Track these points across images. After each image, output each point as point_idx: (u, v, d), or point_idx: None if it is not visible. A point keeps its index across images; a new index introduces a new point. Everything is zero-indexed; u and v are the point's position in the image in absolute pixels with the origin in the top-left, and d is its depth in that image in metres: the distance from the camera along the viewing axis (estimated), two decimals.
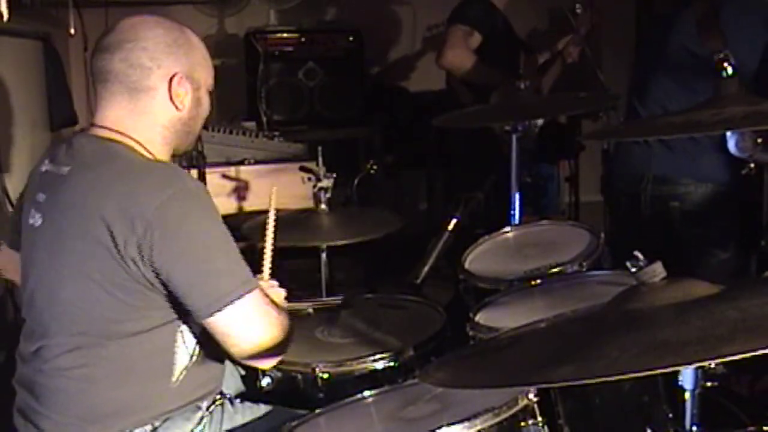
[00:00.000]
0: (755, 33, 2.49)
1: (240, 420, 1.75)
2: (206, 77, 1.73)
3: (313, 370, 1.81)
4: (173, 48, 1.66)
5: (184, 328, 1.65)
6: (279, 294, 1.83)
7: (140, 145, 1.65)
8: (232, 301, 1.55)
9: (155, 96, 1.66)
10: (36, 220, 1.65)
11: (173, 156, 1.78)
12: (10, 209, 2.73)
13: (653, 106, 2.64)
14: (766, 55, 2.50)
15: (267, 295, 1.65)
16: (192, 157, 2.96)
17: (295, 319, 2.12)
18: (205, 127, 1.81)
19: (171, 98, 1.66)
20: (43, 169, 1.69)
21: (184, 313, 1.63)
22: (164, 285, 1.56)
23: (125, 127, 1.65)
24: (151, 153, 1.66)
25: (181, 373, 1.66)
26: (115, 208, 1.52)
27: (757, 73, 2.49)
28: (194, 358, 1.68)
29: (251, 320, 1.58)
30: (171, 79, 1.65)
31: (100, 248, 1.53)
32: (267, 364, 1.67)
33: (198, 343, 1.68)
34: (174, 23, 1.70)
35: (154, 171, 1.60)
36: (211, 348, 1.70)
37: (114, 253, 1.52)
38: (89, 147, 1.64)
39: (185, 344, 1.66)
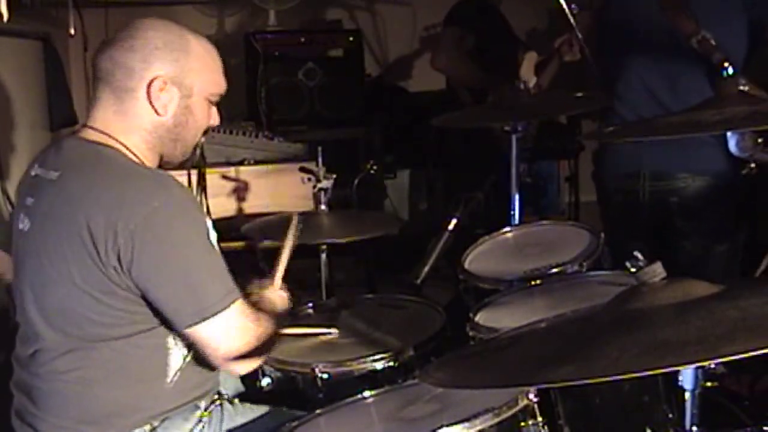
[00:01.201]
0: (732, 12, 2.47)
1: (239, 420, 1.75)
2: (203, 85, 1.69)
3: (313, 370, 1.81)
4: (163, 51, 1.63)
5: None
6: (283, 298, 1.85)
7: (127, 149, 1.64)
8: (211, 315, 1.56)
9: (137, 98, 1.64)
10: (25, 224, 1.64)
11: (168, 163, 1.76)
12: (10, 209, 2.73)
13: (631, 96, 2.61)
14: (754, 35, 2.48)
15: (250, 304, 1.65)
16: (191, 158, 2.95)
17: (295, 319, 2.14)
18: None
19: (150, 101, 1.64)
20: (33, 173, 1.68)
21: None
22: (142, 295, 1.57)
23: (112, 129, 1.65)
24: (137, 157, 1.65)
25: (175, 374, 1.66)
26: (100, 216, 1.51)
27: (748, 55, 2.48)
28: (188, 358, 1.68)
29: (230, 333, 1.59)
30: (151, 82, 1.63)
31: (84, 255, 1.53)
32: (243, 370, 1.69)
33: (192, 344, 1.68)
34: (179, 29, 1.68)
35: (141, 180, 1.58)
36: None
37: (96, 261, 1.52)
38: (78, 151, 1.64)
39: (178, 345, 1.66)
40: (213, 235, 1.63)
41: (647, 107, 2.57)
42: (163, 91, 1.64)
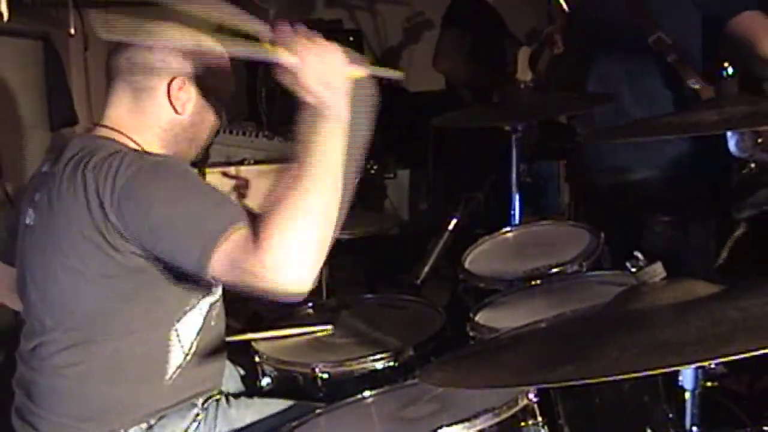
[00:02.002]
0: (683, 10, 2.44)
1: (236, 416, 1.75)
2: (218, 86, 1.72)
3: (313, 370, 1.81)
4: (181, 51, 1.65)
5: (179, 326, 1.66)
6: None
7: (136, 144, 1.65)
8: (219, 237, 1.43)
9: (155, 96, 1.66)
10: (31, 219, 1.66)
11: None
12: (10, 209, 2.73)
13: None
14: (712, 33, 2.47)
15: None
16: None
17: (294, 319, 2.14)
18: None
19: (170, 100, 1.66)
20: (44, 169, 1.70)
21: (178, 312, 1.64)
22: (156, 257, 1.52)
23: (125, 127, 1.66)
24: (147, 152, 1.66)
25: (175, 372, 1.66)
26: (92, 195, 1.52)
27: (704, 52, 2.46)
28: (189, 357, 1.68)
29: (249, 247, 1.42)
30: (171, 82, 1.65)
31: (85, 240, 1.53)
32: (303, 283, 1.49)
33: (194, 342, 1.68)
34: (192, 29, 1.68)
35: (124, 156, 1.57)
36: (209, 347, 1.71)
37: (100, 242, 1.52)
38: (81, 145, 1.64)
39: (180, 343, 1.66)
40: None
41: (609, 108, 2.54)
42: (182, 90, 1.66)
